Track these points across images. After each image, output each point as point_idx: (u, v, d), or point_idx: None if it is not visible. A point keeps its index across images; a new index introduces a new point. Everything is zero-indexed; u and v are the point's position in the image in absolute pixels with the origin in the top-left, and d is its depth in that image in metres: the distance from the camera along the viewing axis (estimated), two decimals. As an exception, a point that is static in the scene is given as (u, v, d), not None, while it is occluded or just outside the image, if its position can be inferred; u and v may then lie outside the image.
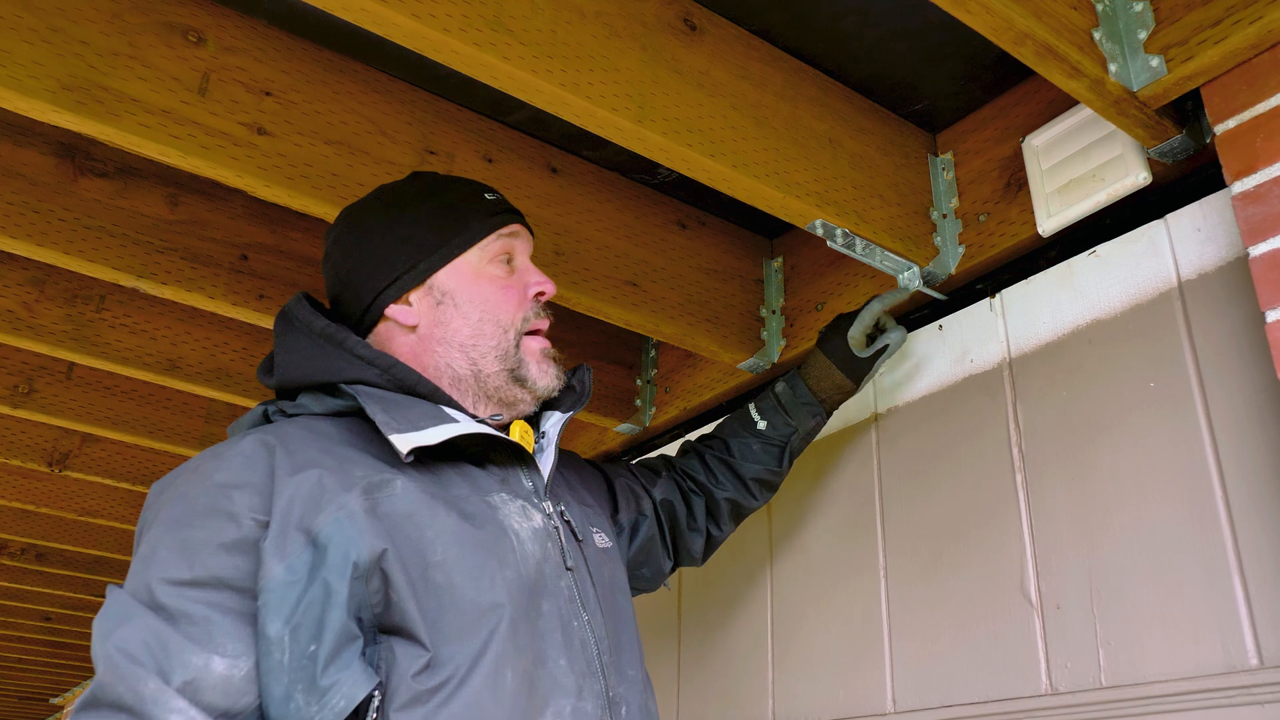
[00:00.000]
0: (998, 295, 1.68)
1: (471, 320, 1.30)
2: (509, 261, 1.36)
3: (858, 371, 1.68)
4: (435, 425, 1.17)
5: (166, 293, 1.89)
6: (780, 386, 1.71)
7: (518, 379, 1.31)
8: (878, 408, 1.86)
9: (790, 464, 1.71)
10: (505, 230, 1.35)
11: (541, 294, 1.37)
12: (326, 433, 1.18)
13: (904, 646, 1.65)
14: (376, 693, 1.01)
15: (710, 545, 1.71)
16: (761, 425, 1.69)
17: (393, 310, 1.32)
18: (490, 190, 1.39)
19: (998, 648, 1.50)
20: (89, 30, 1.44)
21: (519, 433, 1.31)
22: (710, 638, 2.08)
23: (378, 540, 1.06)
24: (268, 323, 2.00)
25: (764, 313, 2.09)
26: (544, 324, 1.36)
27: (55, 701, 8.53)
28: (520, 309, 1.33)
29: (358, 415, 1.21)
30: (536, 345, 1.34)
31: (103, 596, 4.21)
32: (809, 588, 1.88)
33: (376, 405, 1.17)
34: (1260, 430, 1.27)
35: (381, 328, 1.33)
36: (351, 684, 1.00)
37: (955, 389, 1.71)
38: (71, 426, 2.63)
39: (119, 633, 0.99)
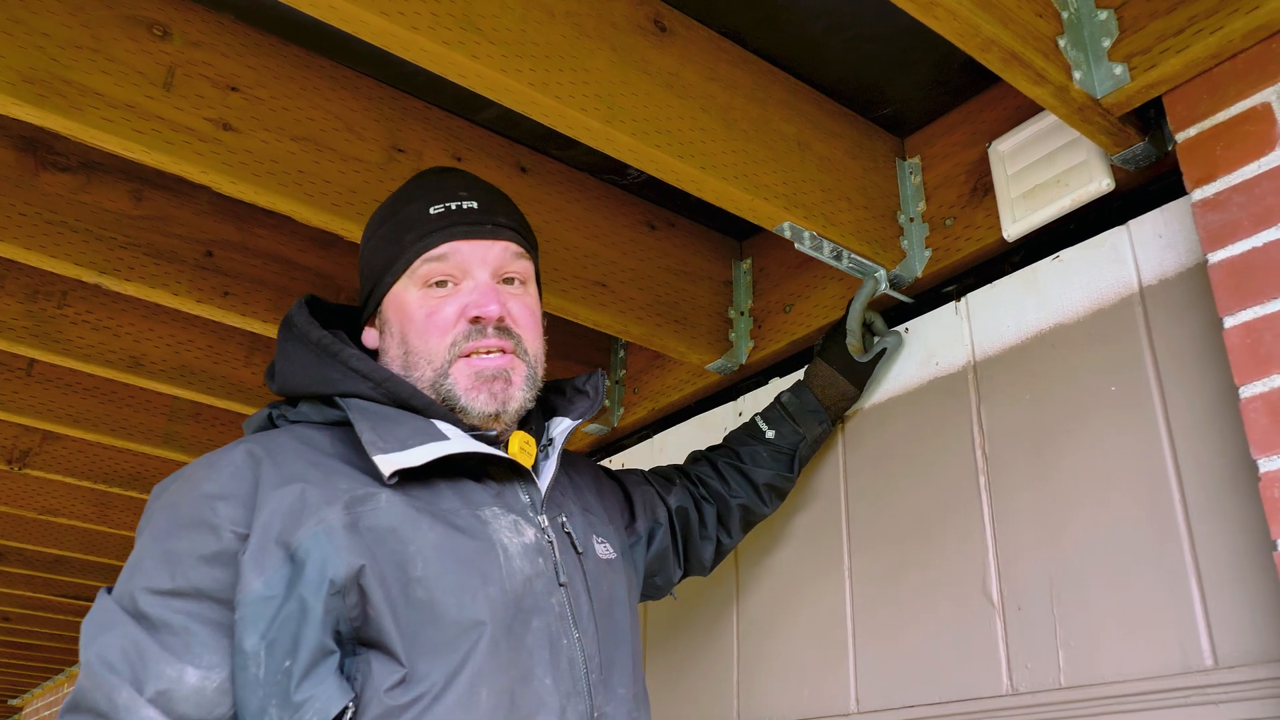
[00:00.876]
0: (963, 299, 1.69)
1: (401, 351, 1.28)
2: (444, 283, 1.27)
3: (859, 377, 1.73)
4: (423, 444, 1.16)
5: (129, 289, 1.87)
6: (787, 396, 1.73)
7: (450, 407, 1.24)
8: (844, 410, 1.87)
9: (799, 470, 1.72)
10: (432, 254, 1.27)
11: (479, 318, 1.25)
12: (319, 443, 1.18)
13: (868, 647, 1.66)
14: (351, 706, 1.01)
15: (720, 553, 1.70)
16: (770, 434, 1.71)
17: (365, 332, 1.35)
18: (449, 199, 1.31)
19: (960, 648, 1.52)
20: (51, 22, 1.42)
21: (518, 445, 1.27)
22: (676, 639, 2.08)
23: (355, 557, 1.05)
24: (232, 320, 1.98)
25: (732, 314, 2.09)
26: (483, 344, 1.25)
27: (14, 703, 8.41)
28: (445, 335, 1.25)
29: (353, 425, 1.19)
30: (468, 369, 1.24)
31: (64, 596, 4.18)
32: (775, 588, 1.89)
33: (366, 422, 1.16)
34: (1217, 434, 1.29)
35: None
36: (325, 699, 1.00)
37: (921, 391, 1.72)
38: (31, 424, 2.60)
39: (101, 639, 1.02)
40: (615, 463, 2.42)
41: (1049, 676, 1.39)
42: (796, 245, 1.63)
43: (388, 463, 1.12)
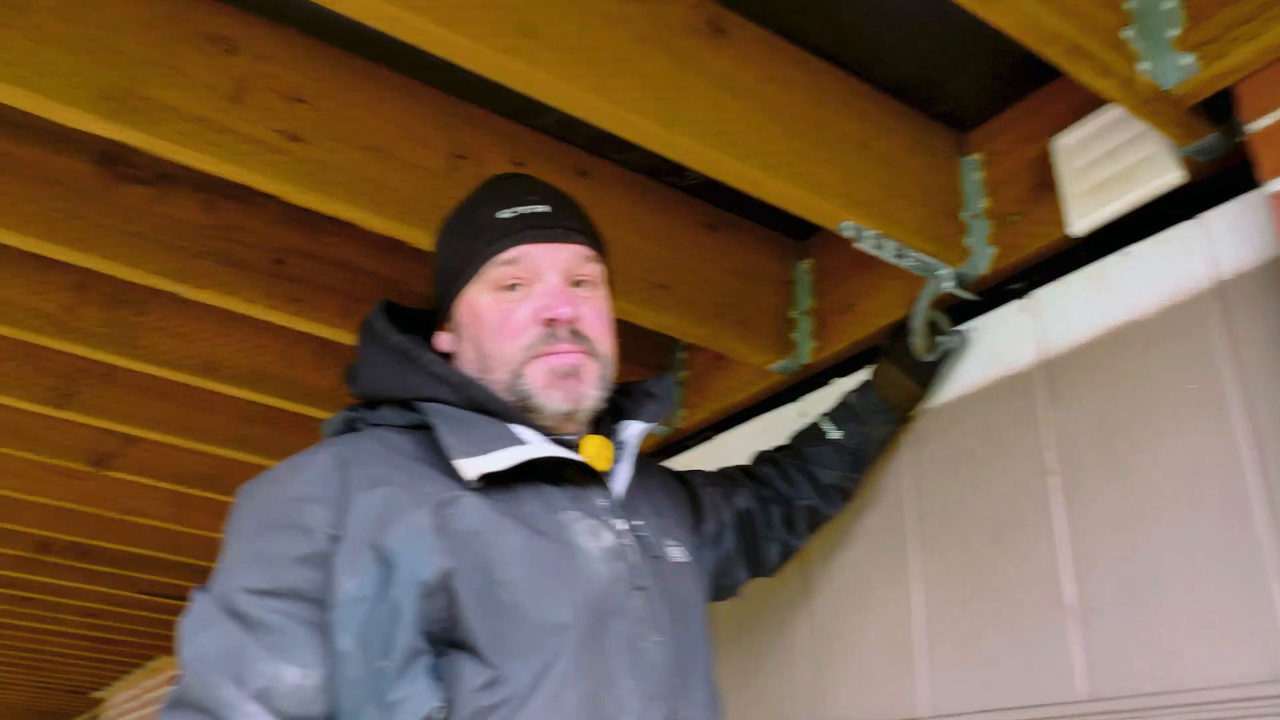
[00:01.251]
0: (1030, 296, 1.67)
1: (477, 355, 1.29)
2: (514, 288, 1.28)
3: (925, 376, 1.71)
4: (503, 447, 1.17)
5: (204, 297, 1.92)
6: (853, 396, 1.72)
7: (527, 408, 1.25)
8: (908, 409, 1.85)
9: (865, 472, 1.71)
10: (503, 257, 1.28)
11: (552, 320, 1.26)
12: (402, 447, 1.20)
13: (938, 651, 1.64)
14: (442, 705, 1.03)
15: (786, 554, 1.69)
16: (835, 435, 1.70)
17: (438, 336, 1.36)
18: (519, 203, 1.32)
19: (1033, 653, 1.49)
20: (126, 40, 1.46)
21: (594, 448, 1.28)
22: (744, 639, 2.08)
23: (444, 559, 1.07)
24: (303, 326, 2.03)
25: (794, 314, 2.08)
26: (557, 349, 1.26)
27: (96, 695, 8.68)
28: (519, 338, 1.25)
29: (433, 430, 1.21)
30: (544, 366, 1.25)
31: (144, 594, 4.30)
32: (842, 591, 1.87)
33: (446, 426, 1.18)
34: (1297, 433, 1.25)
35: None
36: (418, 699, 1.02)
37: (987, 391, 1.69)
38: (112, 428, 2.68)
39: (200, 638, 1.05)
40: (677, 464, 2.42)
41: (1128, 682, 1.36)
42: (858, 244, 1.62)
43: (471, 466, 1.14)
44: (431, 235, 1.64)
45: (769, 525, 1.64)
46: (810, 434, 1.73)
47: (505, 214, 1.31)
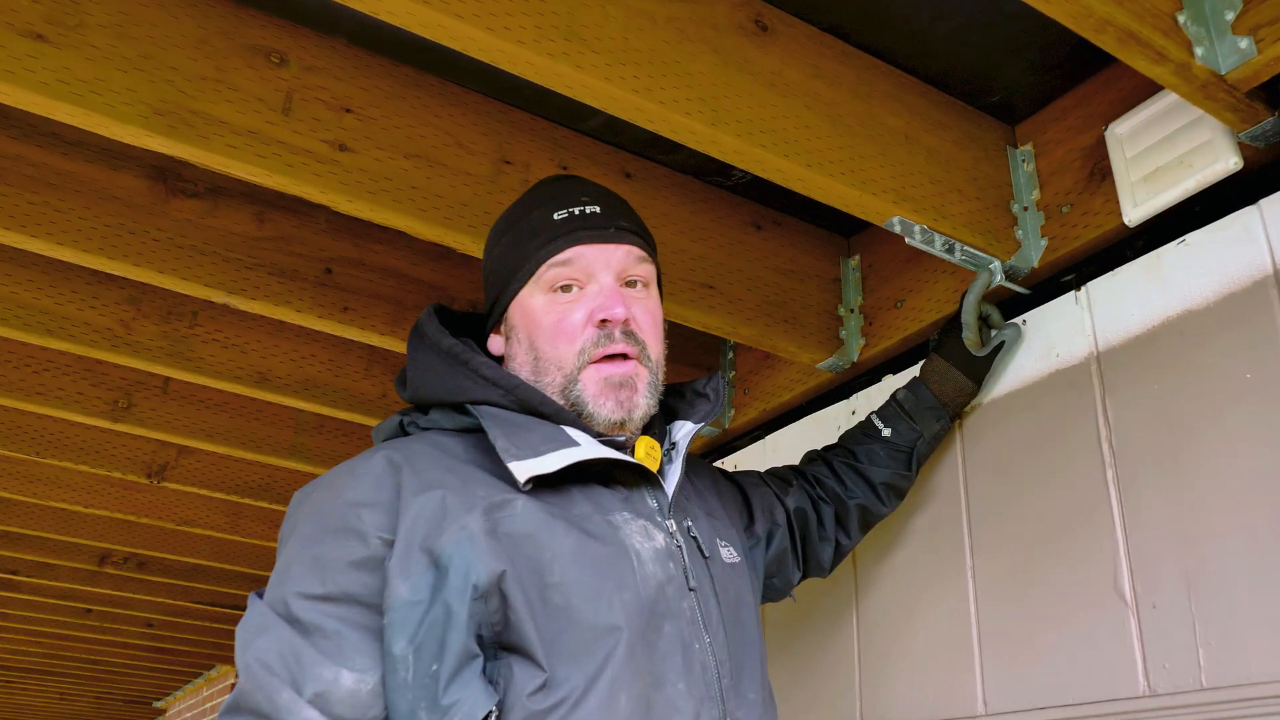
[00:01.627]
0: (1083, 288, 1.64)
1: (530, 358, 1.29)
2: (569, 288, 1.28)
3: (977, 371, 1.68)
4: (555, 450, 1.17)
5: (255, 307, 1.95)
6: (903, 393, 1.71)
7: (578, 413, 1.25)
8: (961, 405, 1.83)
9: (918, 469, 1.69)
10: (558, 259, 1.28)
11: (606, 321, 1.26)
12: (453, 450, 1.21)
13: (994, 648, 1.62)
14: (495, 710, 1.03)
15: (839, 554, 1.67)
16: (886, 432, 1.68)
17: (490, 339, 1.37)
18: (572, 204, 1.32)
19: (1092, 648, 1.47)
20: (178, 56, 1.49)
21: (644, 450, 1.28)
22: (796, 640, 2.07)
23: (497, 562, 1.07)
24: (353, 335, 2.05)
25: (842, 311, 2.07)
26: (612, 349, 1.25)
27: (158, 705, 8.82)
28: (574, 341, 1.26)
29: (485, 433, 1.21)
30: (597, 375, 1.25)
31: (201, 604, 4.36)
32: (895, 590, 1.86)
33: (498, 429, 1.19)
34: (1366, 421, 1.22)
35: None
36: (472, 702, 1.02)
37: (1041, 385, 1.67)
38: (168, 439, 2.73)
39: (257, 643, 1.05)
40: (727, 464, 2.42)
41: (1189, 677, 1.33)
42: (907, 240, 1.60)
43: (523, 469, 1.14)
44: (479, 241, 1.66)
45: (822, 525, 1.63)
46: (861, 432, 1.71)
47: (558, 215, 1.31)
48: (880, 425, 1.69)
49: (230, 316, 2.35)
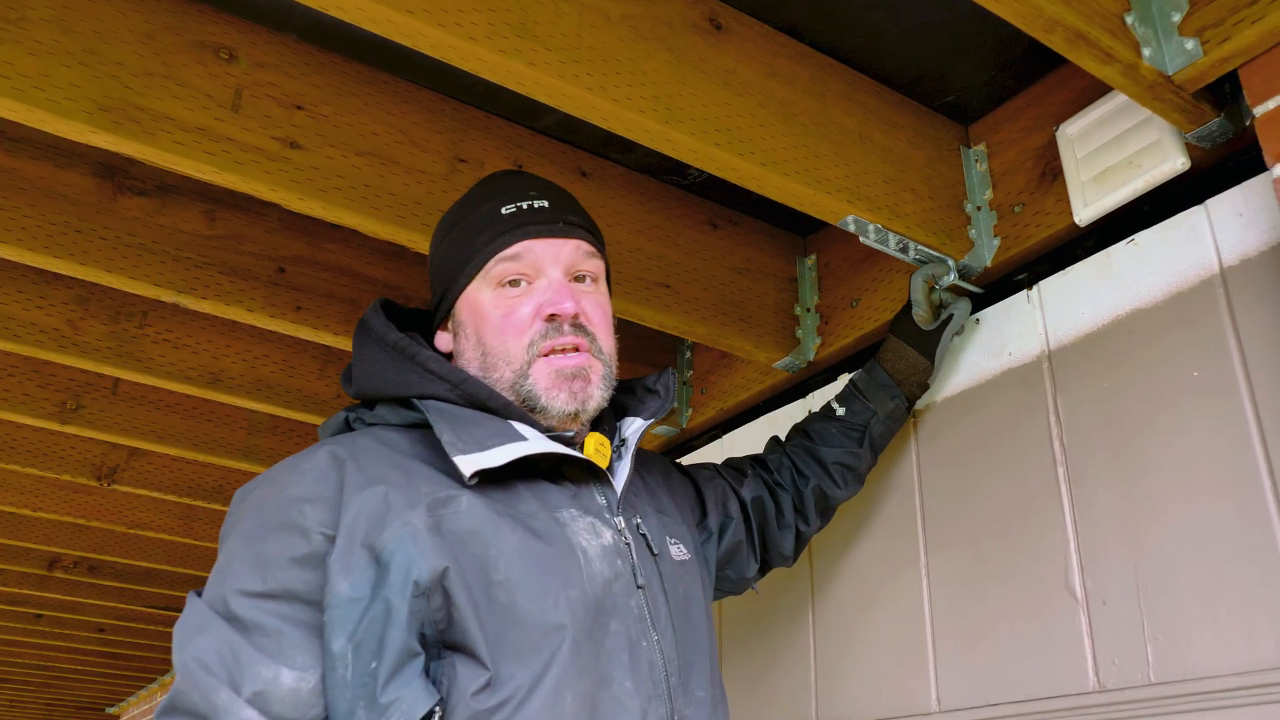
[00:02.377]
0: (1035, 287, 1.66)
1: (478, 353, 1.28)
2: (517, 283, 1.27)
3: (928, 346, 1.67)
4: (502, 444, 1.16)
5: (206, 307, 1.92)
6: (859, 375, 1.71)
7: (531, 407, 1.24)
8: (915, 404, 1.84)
9: (872, 449, 1.68)
10: (506, 253, 1.27)
11: (555, 315, 1.25)
12: (399, 446, 1.19)
13: (948, 645, 1.64)
14: (437, 709, 1.01)
15: (800, 542, 1.67)
16: (841, 412, 1.69)
17: (438, 336, 1.35)
18: (520, 198, 1.31)
19: (1043, 645, 1.48)
20: (124, 51, 1.46)
21: (594, 446, 1.27)
22: (752, 639, 2.07)
23: (439, 558, 1.06)
24: (305, 334, 2.02)
25: (799, 311, 2.08)
26: (561, 342, 1.25)
27: (111, 711, 8.68)
28: (522, 335, 1.25)
29: (431, 428, 1.20)
30: (548, 367, 1.24)
31: (154, 608, 4.28)
32: (851, 587, 1.87)
33: (445, 424, 1.17)
34: (1309, 417, 1.24)
35: None
36: (411, 701, 1.00)
37: (993, 383, 1.69)
38: (118, 441, 2.68)
39: (195, 642, 1.03)
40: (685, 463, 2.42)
41: (1138, 673, 1.35)
42: (861, 239, 1.61)
43: (468, 463, 1.12)
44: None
45: (781, 513, 1.63)
46: (819, 415, 1.72)
47: (506, 210, 1.30)
48: (836, 406, 1.70)
49: (181, 316, 2.31)
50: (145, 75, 1.47)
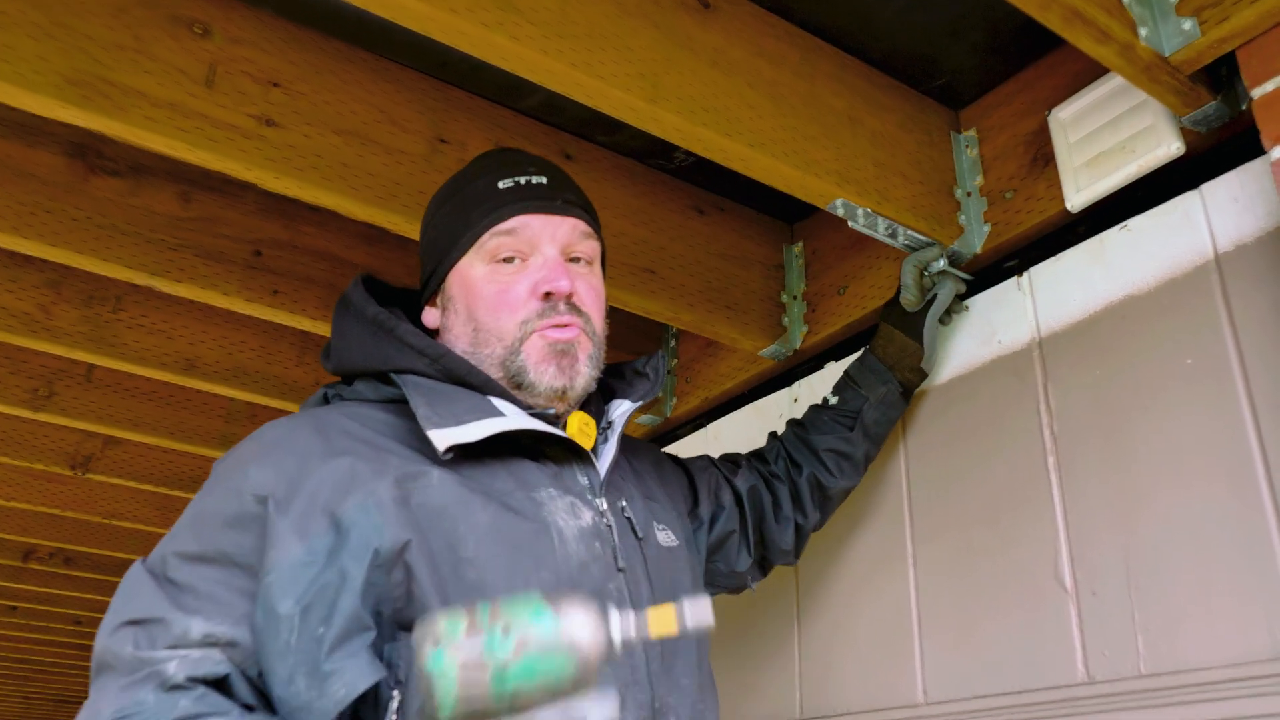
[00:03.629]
0: (1025, 274, 1.63)
1: (469, 328, 1.25)
2: (512, 259, 1.25)
3: (916, 328, 1.64)
4: (479, 420, 1.13)
5: (180, 290, 1.87)
6: (852, 364, 1.69)
7: (518, 384, 1.22)
8: (904, 393, 1.81)
9: (867, 435, 1.64)
10: (502, 227, 1.25)
11: (550, 294, 1.23)
12: (375, 420, 1.16)
13: (934, 637, 1.61)
14: (396, 693, 0.97)
15: (800, 536, 1.63)
16: (834, 401, 1.67)
17: (425, 311, 1.33)
18: (519, 173, 1.29)
19: (1031, 636, 1.46)
20: (94, 25, 1.42)
21: (578, 425, 1.24)
22: (736, 630, 2.04)
23: (403, 531, 1.03)
24: (282, 319, 1.98)
25: (785, 299, 2.05)
26: (556, 320, 1.22)
27: (89, 705, 8.60)
28: (517, 312, 1.22)
29: (409, 403, 1.17)
30: (541, 341, 1.22)
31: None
32: (837, 578, 1.84)
33: (421, 398, 1.14)
34: (1305, 405, 1.22)
35: None
36: (355, 673, 0.96)
37: (983, 371, 1.66)
38: (93, 429, 2.63)
39: (124, 602, 1.02)
40: (670, 453, 2.38)
41: (1128, 664, 1.33)
42: (850, 223, 1.58)
43: (442, 438, 1.09)
44: (413, 222, 1.61)
45: (778, 504, 1.60)
46: (814, 406, 1.69)
47: (504, 184, 1.27)
48: (830, 396, 1.68)
49: (156, 301, 2.26)
50: (116, 49, 1.43)
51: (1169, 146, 1.41)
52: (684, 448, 2.36)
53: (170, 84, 1.46)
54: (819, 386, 2.00)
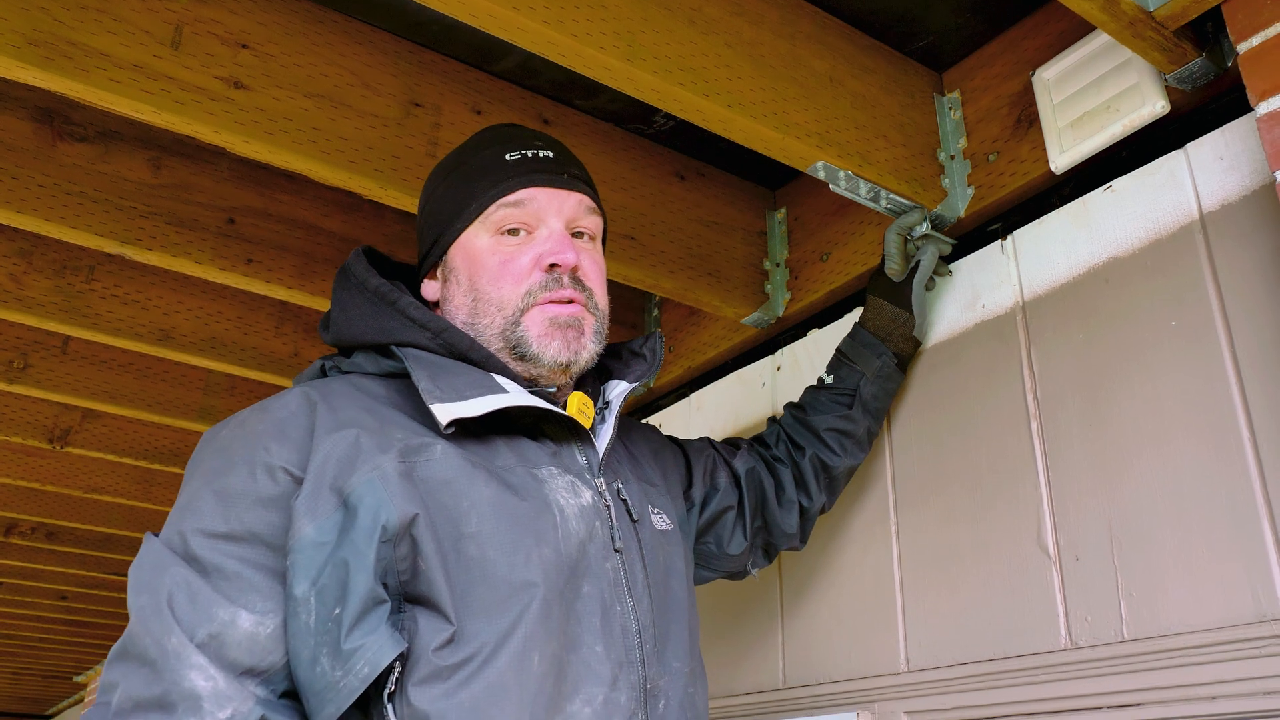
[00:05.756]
0: (1009, 237, 1.61)
1: (469, 299, 1.23)
2: (516, 232, 1.23)
3: (903, 297, 1.63)
4: (481, 395, 1.12)
5: (151, 259, 1.84)
6: (844, 340, 1.67)
7: (519, 355, 1.20)
8: (887, 359, 1.80)
9: (866, 410, 1.62)
10: (509, 199, 1.23)
11: (555, 266, 1.22)
12: (375, 393, 1.15)
13: (917, 603, 1.60)
14: (397, 663, 0.97)
15: (805, 519, 1.60)
16: (829, 379, 1.65)
17: (424, 284, 1.31)
18: (525, 147, 1.28)
19: (1014, 602, 1.45)
20: (54, -17, 1.38)
21: (577, 405, 1.23)
22: (717, 600, 2.03)
23: (409, 505, 1.02)
24: (256, 287, 1.95)
25: (768, 265, 2.03)
26: (559, 294, 1.21)
27: (78, 679, 8.60)
28: (520, 283, 1.21)
29: (409, 377, 1.16)
30: (542, 315, 1.21)
31: (116, 574, 4.20)
32: (819, 545, 1.83)
33: (423, 371, 1.13)
34: (1289, 367, 1.20)
35: None
36: (376, 649, 0.96)
37: (966, 335, 1.64)
38: (70, 402, 2.60)
39: (151, 583, 0.98)
40: (652, 422, 2.37)
41: (1110, 629, 1.32)
42: (831, 186, 1.55)
43: (445, 412, 1.08)
44: (385, 187, 1.59)
45: (780, 488, 1.58)
46: (811, 388, 1.68)
47: (511, 156, 1.26)
48: (825, 375, 1.66)
49: (130, 271, 2.23)
50: (78, 9, 1.39)
51: (1154, 105, 1.39)
52: (667, 417, 2.34)
53: (135, 45, 1.42)
54: (802, 354, 1.98)
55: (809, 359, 1.96)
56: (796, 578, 1.86)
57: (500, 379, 1.17)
